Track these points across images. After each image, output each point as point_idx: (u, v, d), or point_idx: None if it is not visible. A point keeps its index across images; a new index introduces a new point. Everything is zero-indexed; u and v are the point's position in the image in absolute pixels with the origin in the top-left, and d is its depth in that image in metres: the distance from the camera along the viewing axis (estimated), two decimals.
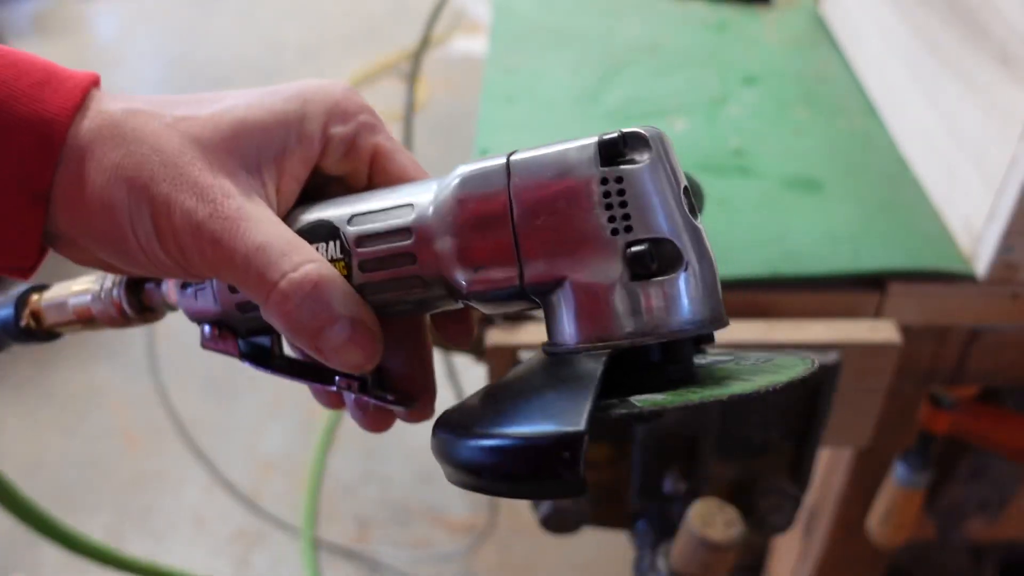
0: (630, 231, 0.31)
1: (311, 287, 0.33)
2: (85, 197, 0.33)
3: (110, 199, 0.32)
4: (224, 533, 1.66)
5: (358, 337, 0.33)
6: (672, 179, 0.32)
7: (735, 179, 0.79)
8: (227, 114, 0.34)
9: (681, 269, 0.32)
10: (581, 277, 0.32)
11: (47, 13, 3.47)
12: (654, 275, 0.31)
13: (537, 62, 0.98)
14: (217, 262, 0.33)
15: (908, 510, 0.87)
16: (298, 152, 0.36)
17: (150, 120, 0.33)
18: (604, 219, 0.31)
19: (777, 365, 0.35)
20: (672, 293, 0.32)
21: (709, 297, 0.33)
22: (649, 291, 0.32)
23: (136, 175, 0.32)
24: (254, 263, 0.32)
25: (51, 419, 1.88)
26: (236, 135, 0.34)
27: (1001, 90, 0.64)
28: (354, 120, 0.37)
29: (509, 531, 1.61)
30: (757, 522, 0.73)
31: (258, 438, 1.83)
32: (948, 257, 0.70)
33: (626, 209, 0.31)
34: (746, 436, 0.70)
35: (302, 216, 0.37)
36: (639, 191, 0.31)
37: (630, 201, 0.31)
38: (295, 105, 0.35)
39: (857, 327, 0.67)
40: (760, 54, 0.99)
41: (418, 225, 0.34)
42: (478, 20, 3.09)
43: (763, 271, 0.69)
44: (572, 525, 0.74)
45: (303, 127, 0.35)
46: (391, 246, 0.35)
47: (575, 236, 0.32)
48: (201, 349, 0.42)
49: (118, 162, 0.32)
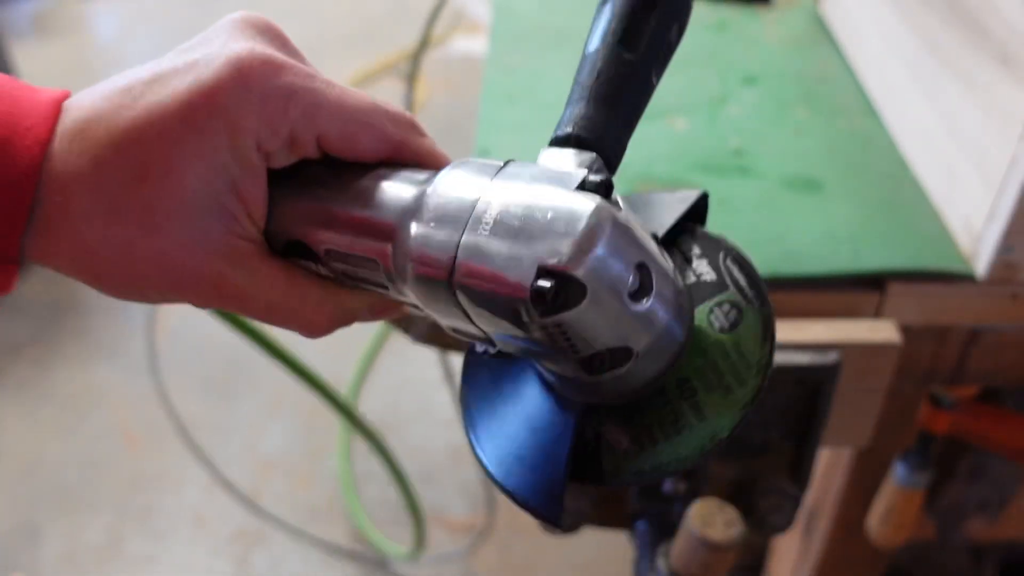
0: (577, 352, 0.33)
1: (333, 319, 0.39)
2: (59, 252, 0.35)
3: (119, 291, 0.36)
4: (224, 533, 1.66)
5: (379, 312, 0.41)
6: (615, 290, 0.32)
7: (735, 179, 0.79)
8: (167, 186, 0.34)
9: (631, 361, 0.34)
10: (543, 365, 0.36)
11: (47, 13, 3.47)
12: (608, 370, 0.34)
13: (537, 62, 0.98)
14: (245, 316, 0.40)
15: (908, 510, 0.87)
16: (246, 178, 0.35)
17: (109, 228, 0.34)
18: (551, 346, 0.33)
19: None
20: (627, 375, 0.34)
21: (662, 353, 0.35)
22: (605, 380, 0.34)
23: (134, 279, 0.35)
24: (275, 320, 0.38)
25: (51, 419, 1.88)
26: (184, 203, 0.34)
27: (1001, 90, 0.64)
28: (283, 119, 0.35)
29: (509, 531, 1.61)
30: (757, 522, 0.73)
31: (258, 438, 1.83)
32: (948, 257, 0.69)
33: (570, 341, 0.32)
34: (746, 436, 0.70)
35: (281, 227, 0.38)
36: (579, 328, 0.32)
37: (572, 336, 0.32)
38: (222, 138, 0.34)
39: (857, 327, 0.67)
40: (760, 54, 0.99)
41: (389, 284, 0.37)
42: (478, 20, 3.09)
43: (763, 271, 0.68)
44: (572, 525, 0.74)
45: (237, 156, 0.35)
46: (371, 287, 0.38)
47: (528, 344, 0.33)
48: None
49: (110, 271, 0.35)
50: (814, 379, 0.66)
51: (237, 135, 0.34)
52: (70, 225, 0.33)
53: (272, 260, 0.38)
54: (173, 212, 0.34)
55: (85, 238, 0.34)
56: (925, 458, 0.85)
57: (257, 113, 0.34)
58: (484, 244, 0.32)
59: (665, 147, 0.83)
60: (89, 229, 0.34)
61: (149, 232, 0.34)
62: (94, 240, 0.34)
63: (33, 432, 1.86)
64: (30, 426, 1.87)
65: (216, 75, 0.34)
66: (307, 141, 0.36)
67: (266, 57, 0.35)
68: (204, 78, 0.33)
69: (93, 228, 0.34)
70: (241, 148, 0.34)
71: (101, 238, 0.34)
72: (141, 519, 1.69)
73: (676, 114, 0.88)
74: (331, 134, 0.36)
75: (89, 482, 1.76)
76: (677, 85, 0.93)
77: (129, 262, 0.34)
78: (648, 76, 0.39)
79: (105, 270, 0.35)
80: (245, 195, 0.36)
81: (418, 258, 0.34)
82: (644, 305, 0.33)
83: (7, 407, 1.91)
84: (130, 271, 0.35)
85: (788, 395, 0.67)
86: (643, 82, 0.39)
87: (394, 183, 0.37)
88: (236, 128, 0.34)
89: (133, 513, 1.70)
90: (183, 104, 0.33)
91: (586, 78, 0.38)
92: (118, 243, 0.34)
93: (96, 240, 0.34)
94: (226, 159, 0.34)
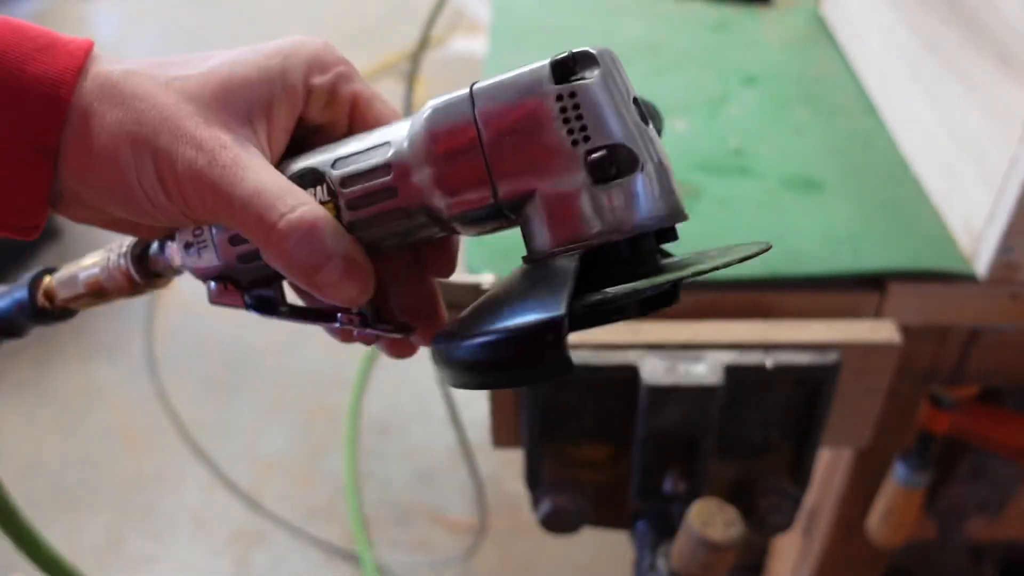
0: (588, 140, 0.34)
1: (307, 228, 0.35)
2: (92, 152, 0.35)
3: (115, 153, 0.35)
4: (224, 533, 1.66)
5: (351, 272, 0.36)
6: (622, 91, 0.35)
7: (735, 179, 0.79)
8: (215, 72, 0.37)
9: (638, 170, 0.35)
10: (549, 188, 0.35)
11: (47, 13, 3.47)
12: (614, 178, 0.35)
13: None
14: (217, 207, 0.35)
15: (908, 510, 0.87)
16: (284, 103, 0.38)
17: (146, 80, 0.36)
18: (563, 132, 0.34)
19: (734, 249, 0.38)
20: (632, 192, 0.35)
21: (666, 194, 0.36)
22: (611, 192, 0.35)
23: (138, 130, 0.35)
24: (252, 207, 0.35)
25: (51, 419, 1.88)
26: (225, 91, 0.37)
27: (1001, 90, 0.64)
28: (332, 71, 0.40)
29: (509, 531, 1.61)
30: (757, 522, 0.73)
31: (258, 438, 1.83)
32: (948, 257, 0.69)
33: (582, 121, 0.34)
34: (746, 436, 0.70)
35: (291, 165, 0.39)
36: (592, 103, 0.34)
37: (585, 113, 0.34)
38: (277, 60, 0.38)
39: (857, 327, 0.67)
40: (760, 54, 0.99)
41: (396, 160, 0.37)
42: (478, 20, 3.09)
43: (763, 271, 0.69)
44: (572, 525, 0.74)
45: (286, 79, 0.38)
46: (373, 183, 0.37)
47: (539, 151, 0.35)
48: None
49: (121, 118, 0.35)
50: (814, 379, 0.66)
51: (294, 59, 0.38)
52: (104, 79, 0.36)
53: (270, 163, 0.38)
54: (209, 96, 0.36)
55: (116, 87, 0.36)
56: (925, 458, 0.85)
57: (315, 54, 0.39)
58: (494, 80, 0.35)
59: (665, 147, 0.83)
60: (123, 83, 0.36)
61: (179, 97, 0.36)
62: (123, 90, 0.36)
63: (33, 432, 1.86)
64: (30, 426, 1.87)
65: (284, 38, 0.39)
66: (344, 99, 0.40)
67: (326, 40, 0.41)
68: (274, 41, 0.39)
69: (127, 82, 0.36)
70: (292, 72, 0.38)
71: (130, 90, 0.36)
72: (141, 519, 1.69)
73: (676, 114, 0.88)
74: (364, 98, 0.40)
75: (89, 482, 1.76)
76: (677, 85, 0.93)
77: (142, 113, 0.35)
78: None
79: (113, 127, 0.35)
80: (274, 118, 0.38)
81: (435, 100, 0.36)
82: (649, 126, 0.36)
83: (7, 407, 1.91)
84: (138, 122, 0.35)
85: (788, 395, 0.67)
86: None
87: None
88: (295, 55, 0.38)
89: (133, 513, 1.70)
90: (253, 47, 0.39)
91: None
92: (144, 94, 0.36)
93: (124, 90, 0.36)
94: (275, 76, 0.38)
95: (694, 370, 0.64)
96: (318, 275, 0.36)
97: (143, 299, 2.13)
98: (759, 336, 0.66)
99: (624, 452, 0.71)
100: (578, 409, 0.67)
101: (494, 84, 0.35)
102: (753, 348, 0.65)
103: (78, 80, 0.35)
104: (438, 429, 1.80)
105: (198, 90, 0.36)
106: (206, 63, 0.37)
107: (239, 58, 0.38)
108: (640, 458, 0.68)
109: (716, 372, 0.64)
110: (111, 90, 0.36)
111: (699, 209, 0.75)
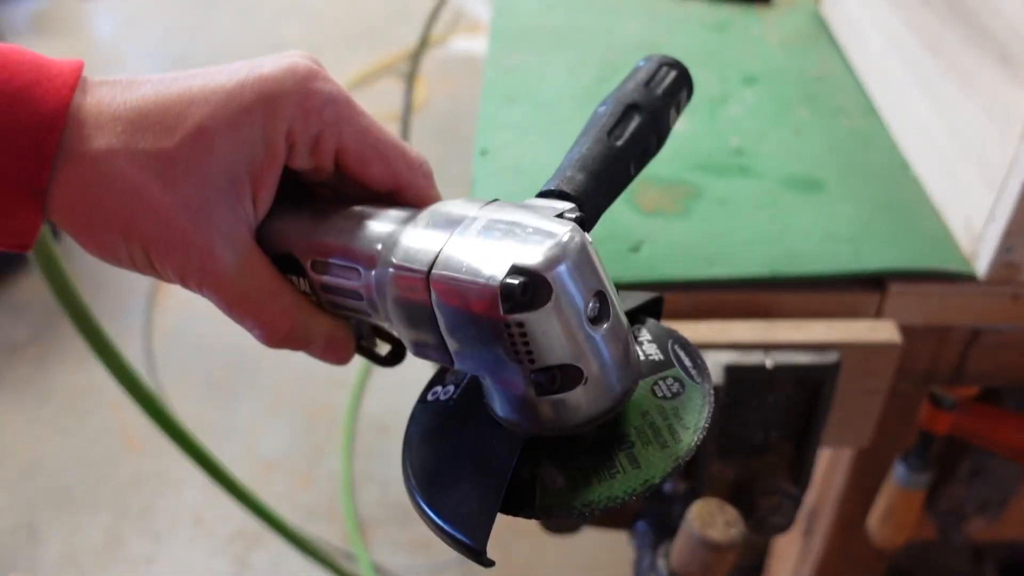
0: (533, 362, 0.35)
1: (293, 332, 0.41)
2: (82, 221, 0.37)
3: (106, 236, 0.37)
4: (224, 533, 1.66)
5: (332, 349, 0.43)
6: (577, 304, 0.35)
7: (735, 179, 0.79)
8: (195, 142, 0.36)
9: (580, 383, 0.36)
10: (495, 382, 0.37)
11: (46, 12, 3.47)
12: (556, 392, 0.36)
13: (537, 62, 0.98)
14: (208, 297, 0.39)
15: (908, 510, 0.87)
16: (265, 161, 0.38)
17: (125, 166, 0.36)
18: (510, 351, 0.35)
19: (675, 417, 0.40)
20: (572, 403, 0.36)
21: (607, 393, 0.37)
22: (551, 403, 0.36)
23: (129, 224, 0.36)
24: (240, 312, 0.40)
25: (51, 419, 1.88)
26: (206, 164, 0.37)
27: (1001, 90, 0.64)
28: (317, 118, 0.38)
29: (509, 531, 1.61)
30: (757, 522, 0.73)
31: (258, 438, 1.83)
32: (948, 257, 0.69)
33: (528, 347, 0.34)
34: (746, 436, 0.70)
35: (274, 236, 0.41)
36: (539, 332, 0.34)
37: (531, 341, 0.34)
38: (259, 116, 0.37)
39: (857, 327, 0.67)
40: (760, 54, 0.99)
41: (365, 292, 0.39)
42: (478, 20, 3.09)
43: (763, 271, 0.69)
44: (572, 526, 0.74)
45: (267, 138, 0.37)
46: (347, 299, 0.41)
47: (487, 353, 0.36)
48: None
49: (112, 209, 0.36)
50: (814, 379, 0.66)
51: (274, 116, 0.37)
52: (91, 157, 0.35)
53: (260, 253, 0.40)
54: (192, 171, 0.36)
55: (101, 172, 0.36)
56: (925, 458, 0.85)
57: (297, 104, 0.37)
58: (466, 246, 0.35)
59: (665, 147, 0.83)
60: (108, 165, 0.36)
61: (164, 183, 0.36)
62: (109, 176, 0.36)
63: (33, 432, 1.86)
64: (30, 426, 1.87)
65: (273, 68, 0.38)
66: (328, 149, 0.39)
67: (320, 68, 0.39)
68: (262, 69, 0.37)
69: (112, 165, 0.36)
70: (272, 131, 0.37)
71: (117, 177, 0.36)
72: (141, 519, 1.69)
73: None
74: (350, 149, 0.40)
75: (89, 482, 1.76)
76: None
77: (132, 210, 0.36)
78: (628, 164, 0.45)
79: (104, 216, 0.36)
80: (258, 179, 0.38)
81: (404, 255, 0.37)
82: (600, 331, 0.36)
83: (7, 407, 1.91)
84: (129, 220, 0.36)
85: (788, 395, 0.67)
86: (624, 167, 0.44)
87: (392, 210, 0.41)
88: (275, 110, 0.37)
89: (133, 513, 1.70)
90: (236, 83, 0.37)
91: (575, 154, 0.43)
92: (130, 187, 0.36)
93: (111, 177, 0.36)
94: (256, 136, 0.37)
95: None
96: (306, 351, 0.42)
97: (142, 299, 2.13)
98: (759, 336, 0.66)
99: None
100: None
101: (451, 278, 0.35)
102: (753, 348, 0.65)
103: (66, 123, 0.35)
104: None
105: (179, 171, 0.36)
106: (183, 125, 0.36)
107: (217, 113, 0.37)
108: None
109: (716, 372, 0.64)
110: (92, 167, 0.36)
111: (699, 209, 0.75)
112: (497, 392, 0.38)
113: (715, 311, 0.69)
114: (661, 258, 0.69)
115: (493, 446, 0.39)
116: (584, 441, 0.39)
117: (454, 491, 0.38)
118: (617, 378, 0.37)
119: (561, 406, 0.36)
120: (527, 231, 0.35)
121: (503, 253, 0.34)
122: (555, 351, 0.35)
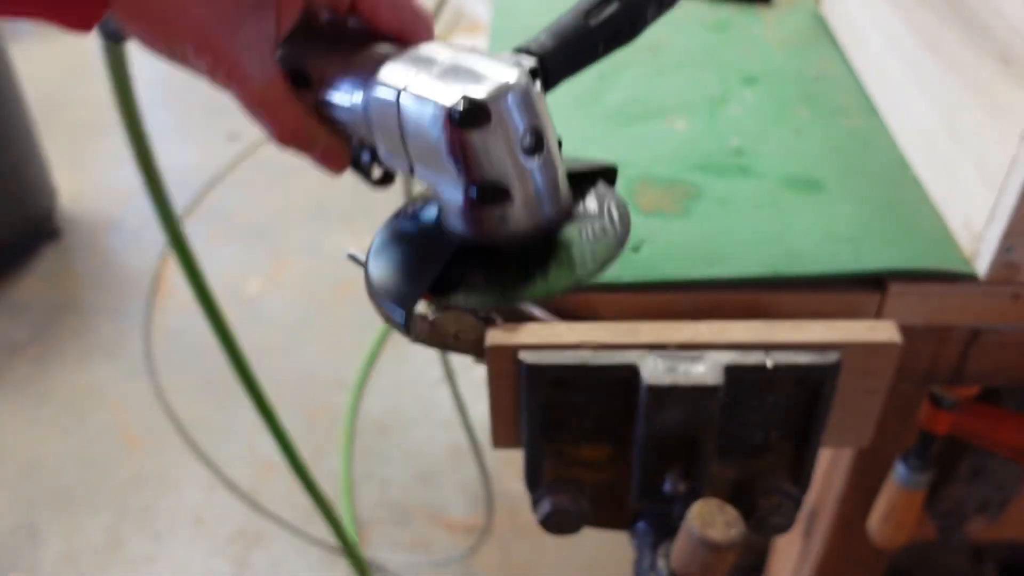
0: (471, 175, 0.44)
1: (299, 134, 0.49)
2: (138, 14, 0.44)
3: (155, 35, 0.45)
4: (224, 533, 1.66)
5: (329, 156, 0.51)
6: (512, 134, 0.44)
7: (735, 179, 0.79)
8: None
9: (508, 201, 0.45)
10: (442, 191, 0.47)
11: None
12: (487, 203, 0.45)
13: None
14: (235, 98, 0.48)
15: (908, 510, 0.87)
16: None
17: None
18: (452, 164, 0.44)
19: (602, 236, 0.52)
20: (500, 218, 0.46)
21: (531, 218, 0.47)
22: (483, 215, 0.46)
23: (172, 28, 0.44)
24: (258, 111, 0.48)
25: (51, 419, 1.88)
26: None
27: (1001, 90, 0.64)
28: None
29: (509, 531, 1.61)
30: (757, 522, 0.73)
31: (258, 438, 1.83)
32: (949, 257, 0.69)
33: (467, 161, 0.43)
34: (746, 436, 0.70)
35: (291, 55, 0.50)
36: (478, 150, 0.43)
37: (469, 157, 0.43)
38: None
39: (857, 327, 0.67)
40: (760, 54, 0.99)
41: (357, 108, 0.48)
42: (478, 20, 3.09)
43: (763, 271, 0.69)
44: (572, 525, 0.74)
45: None
46: (343, 114, 0.49)
47: (437, 164, 0.45)
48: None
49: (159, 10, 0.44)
50: (814, 379, 0.65)
51: None
52: None
53: (278, 66, 0.48)
54: None
55: None
56: (925, 458, 0.85)
57: None
58: (431, 78, 0.44)
59: (665, 147, 0.83)
60: None
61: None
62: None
63: (33, 432, 1.86)
64: (30, 426, 1.87)
65: None
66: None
67: None
68: None
69: None
70: None
71: None
72: (141, 519, 1.69)
73: (676, 114, 0.88)
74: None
75: (89, 482, 1.76)
76: (677, 85, 0.93)
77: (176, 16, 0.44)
78: (596, 44, 0.51)
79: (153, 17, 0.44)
80: (284, 3, 0.46)
81: (385, 79, 0.45)
82: (532, 161, 0.45)
83: (7, 407, 1.91)
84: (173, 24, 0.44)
85: (788, 395, 0.67)
86: (592, 44, 0.51)
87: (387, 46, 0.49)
88: None
89: (133, 513, 1.70)
90: None
91: (552, 26, 0.50)
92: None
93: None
94: None
95: (694, 370, 0.64)
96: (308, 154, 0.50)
97: (142, 299, 2.13)
98: (759, 336, 0.66)
99: (624, 452, 0.71)
100: (578, 409, 0.67)
101: (414, 100, 0.44)
102: (753, 348, 0.65)
103: None
104: (438, 429, 1.80)
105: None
106: None
107: None
108: (640, 458, 0.68)
109: (716, 372, 0.64)
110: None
111: (699, 209, 0.75)
112: (442, 202, 0.47)
113: (715, 311, 0.69)
114: (661, 258, 0.69)
115: (435, 246, 0.48)
116: (511, 256, 0.48)
117: (396, 274, 0.49)
118: (542, 206, 0.46)
119: (490, 219, 0.45)
120: (483, 71, 0.43)
121: (458, 85, 0.43)
122: (489, 169, 0.43)
